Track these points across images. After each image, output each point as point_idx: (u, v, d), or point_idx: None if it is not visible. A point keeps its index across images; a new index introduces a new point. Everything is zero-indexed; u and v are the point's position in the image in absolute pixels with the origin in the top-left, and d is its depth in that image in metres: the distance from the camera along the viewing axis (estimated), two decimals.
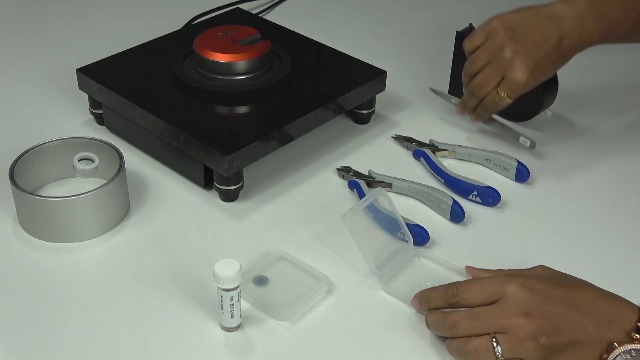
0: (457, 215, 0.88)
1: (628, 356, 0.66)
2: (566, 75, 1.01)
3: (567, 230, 0.89)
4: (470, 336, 0.69)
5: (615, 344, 0.66)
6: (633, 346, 0.66)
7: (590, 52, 0.95)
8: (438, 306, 0.73)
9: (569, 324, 0.67)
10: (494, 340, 0.68)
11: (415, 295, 0.76)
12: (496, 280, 0.70)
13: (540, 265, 0.75)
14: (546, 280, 0.70)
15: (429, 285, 0.79)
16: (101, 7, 1.37)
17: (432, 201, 0.90)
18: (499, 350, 0.67)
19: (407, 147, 1.01)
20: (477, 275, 0.78)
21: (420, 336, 0.75)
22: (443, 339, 0.73)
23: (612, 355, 0.66)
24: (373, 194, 0.83)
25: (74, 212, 0.83)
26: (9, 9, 1.36)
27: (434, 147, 0.99)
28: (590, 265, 0.83)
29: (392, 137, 1.03)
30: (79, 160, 0.88)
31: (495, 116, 1.03)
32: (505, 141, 1.02)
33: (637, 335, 0.66)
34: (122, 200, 0.88)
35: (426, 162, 0.96)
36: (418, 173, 0.96)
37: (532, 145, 0.98)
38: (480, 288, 0.70)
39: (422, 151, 0.97)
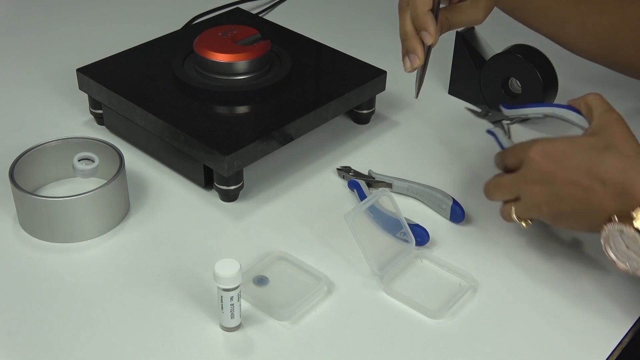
0: (457, 215, 0.88)
1: (617, 233, 0.69)
2: (567, 74, 1.01)
3: (568, 231, 0.88)
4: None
5: (615, 217, 0.69)
6: (624, 227, 0.68)
7: None
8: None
9: (572, 195, 0.71)
10: (512, 207, 0.78)
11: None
12: (521, 146, 0.77)
13: (593, 93, 0.77)
14: (571, 143, 0.73)
15: (430, 286, 0.79)
16: (101, 7, 1.37)
17: (432, 201, 0.90)
18: (514, 215, 0.78)
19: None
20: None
21: (421, 337, 0.75)
22: (443, 340, 0.73)
23: (609, 226, 0.69)
24: (376, 194, 0.83)
25: (74, 212, 0.83)
26: (9, 9, 1.36)
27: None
28: (592, 262, 0.83)
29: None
30: (79, 160, 0.88)
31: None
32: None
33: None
34: (122, 200, 0.88)
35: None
36: (418, 173, 0.96)
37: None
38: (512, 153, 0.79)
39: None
